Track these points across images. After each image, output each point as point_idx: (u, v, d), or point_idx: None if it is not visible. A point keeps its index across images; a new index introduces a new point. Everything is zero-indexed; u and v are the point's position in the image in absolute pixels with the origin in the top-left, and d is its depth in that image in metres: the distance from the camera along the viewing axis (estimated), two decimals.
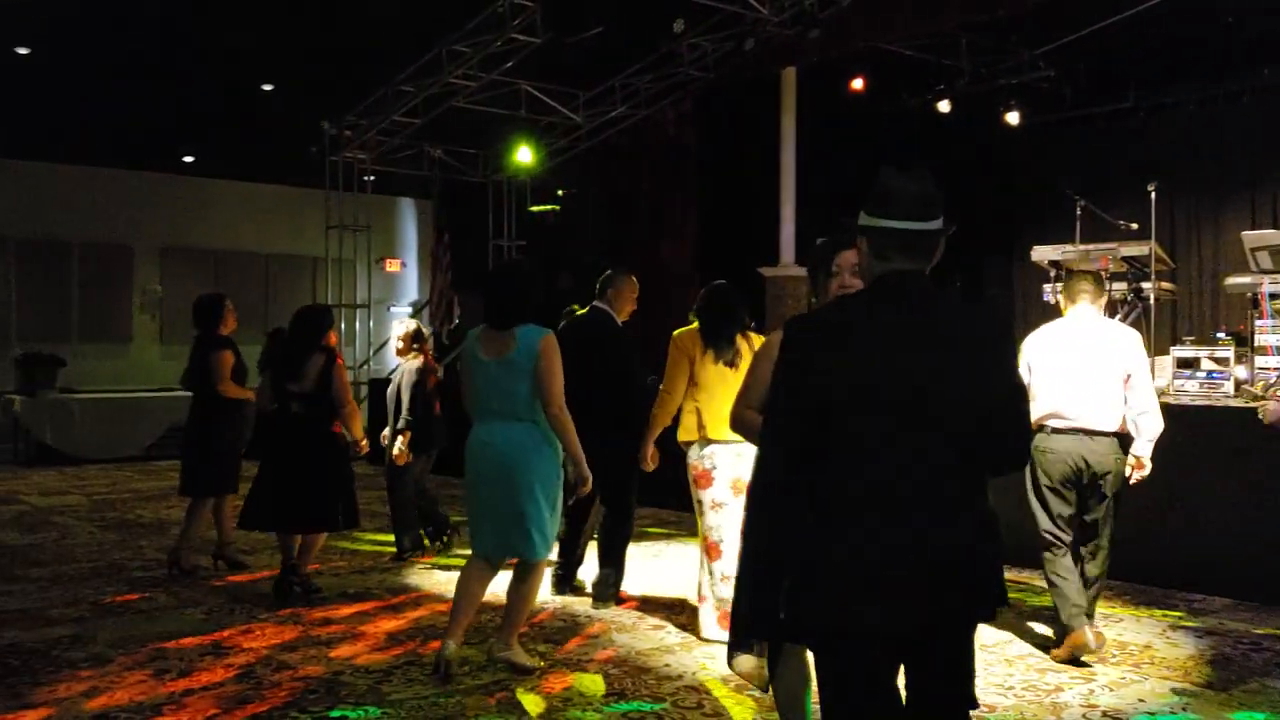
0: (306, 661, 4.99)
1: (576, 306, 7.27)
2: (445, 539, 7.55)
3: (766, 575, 2.58)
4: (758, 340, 5.41)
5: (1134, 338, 5.13)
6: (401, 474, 7.27)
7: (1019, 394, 2.56)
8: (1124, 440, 5.01)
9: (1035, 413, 5.01)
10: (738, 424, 3.76)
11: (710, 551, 5.24)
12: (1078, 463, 4.97)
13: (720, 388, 5.14)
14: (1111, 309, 8.46)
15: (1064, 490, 5.01)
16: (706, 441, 5.21)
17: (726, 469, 5.17)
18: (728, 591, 5.09)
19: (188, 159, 15.95)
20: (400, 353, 7.46)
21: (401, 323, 7.72)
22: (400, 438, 7.13)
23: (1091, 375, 4.99)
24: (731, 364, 5.25)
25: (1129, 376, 4.97)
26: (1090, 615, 5.04)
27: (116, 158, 15.48)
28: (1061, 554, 5.02)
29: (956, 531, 2.45)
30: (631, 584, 6.35)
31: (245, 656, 5.06)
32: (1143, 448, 4.95)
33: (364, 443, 6.26)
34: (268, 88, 12.62)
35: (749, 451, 5.32)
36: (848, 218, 2.74)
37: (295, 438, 6.15)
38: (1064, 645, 4.94)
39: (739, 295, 5.50)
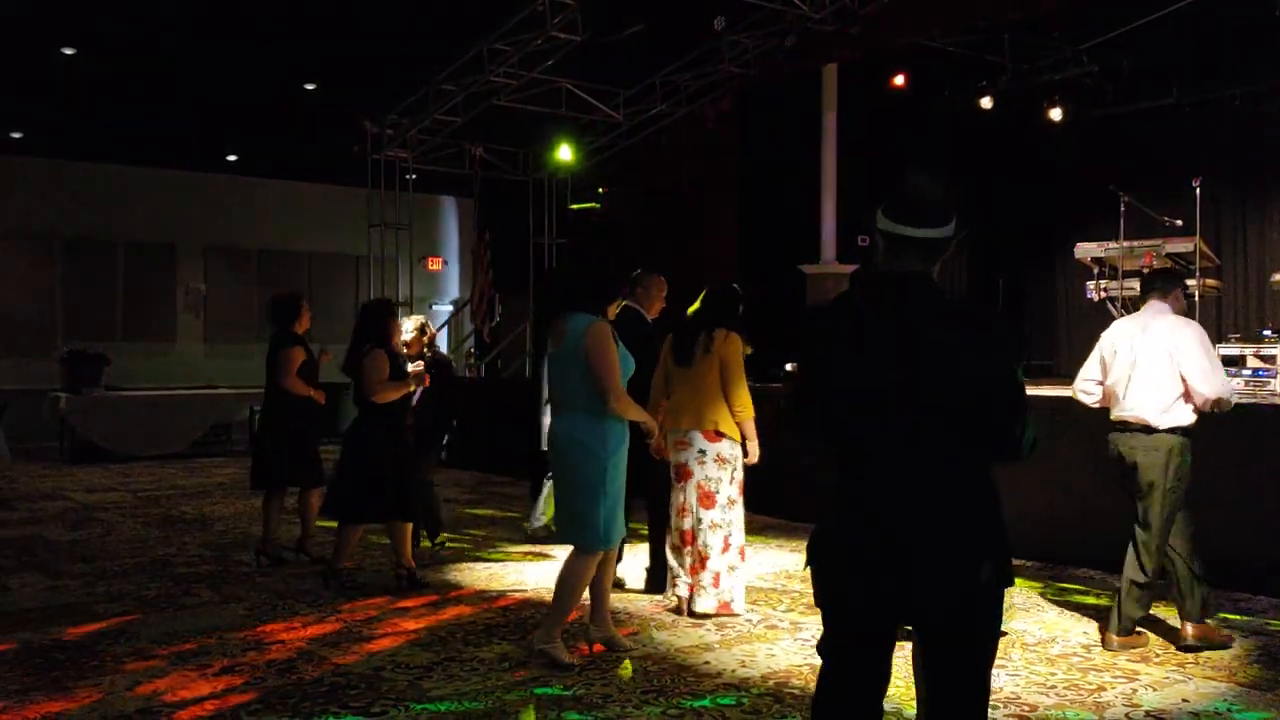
0: (347, 657, 5.03)
1: None
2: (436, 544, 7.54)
3: None
4: (730, 339, 5.62)
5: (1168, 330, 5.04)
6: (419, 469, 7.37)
7: (1010, 391, 2.62)
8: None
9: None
10: None
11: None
12: (1118, 455, 5.07)
13: (678, 383, 5.70)
14: None
15: (1123, 483, 5.12)
16: (665, 428, 5.71)
17: (674, 455, 5.75)
18: (670, 558, 5.84)
19: (231, 158, 16.14)
20: (411, 346, 7.22)
21: (409, 318, 7.48)
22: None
23: (1137, 371, 4.99)
24: (683, 362, 5.65)
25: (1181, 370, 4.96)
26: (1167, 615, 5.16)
27: (160, 157, 15.71)
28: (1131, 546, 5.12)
29: (937, 519, 2.57)
30: None
31: (287, 651, 5.12)
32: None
33: (410, 380, 6.36)
34: (310, 87, 12.74)
35: (694, 442, 5.62)
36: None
37: (352, 428, 6.39)
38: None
39: (726, 296, 5.78)
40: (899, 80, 12.29)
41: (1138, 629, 5.12)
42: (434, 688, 4.57)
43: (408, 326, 7.30)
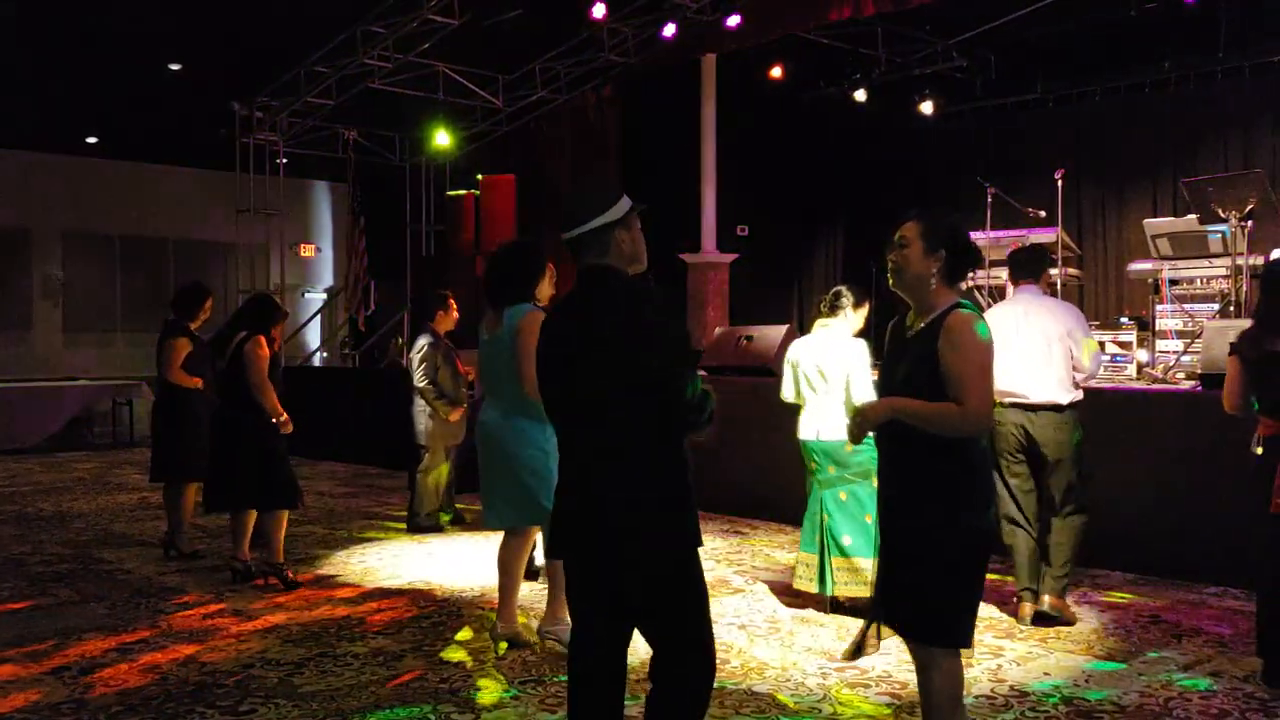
0: (215, 655, 4.87)
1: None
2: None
3: None
4: None
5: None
6: None
7: (666, 371, 2.87)
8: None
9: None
10: None
11: None
12: (1023, 433, 5.18)
13: None
14: None
15: (1015, 458, 5.23)
16: None
17: None
18: None
19: (91, 140, 15.47)
20: None
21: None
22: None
23: (1033, 355, 5.16)
24: None
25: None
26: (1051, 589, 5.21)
27: (15, 138, 14.95)
28: (1012, 527, 5.25)
29: (614, 505, 2.91)
30: None
31: (150, 652, 4.93)
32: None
33: (284, 418, 6.15)
34: (175, 67, 12.29)
35: None
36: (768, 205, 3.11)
37: (223, 415, 6.26)
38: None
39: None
40: (776, 72, 12.44)
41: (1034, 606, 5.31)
42: (306, 684, 4.46)
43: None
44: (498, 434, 4.81)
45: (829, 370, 5.33)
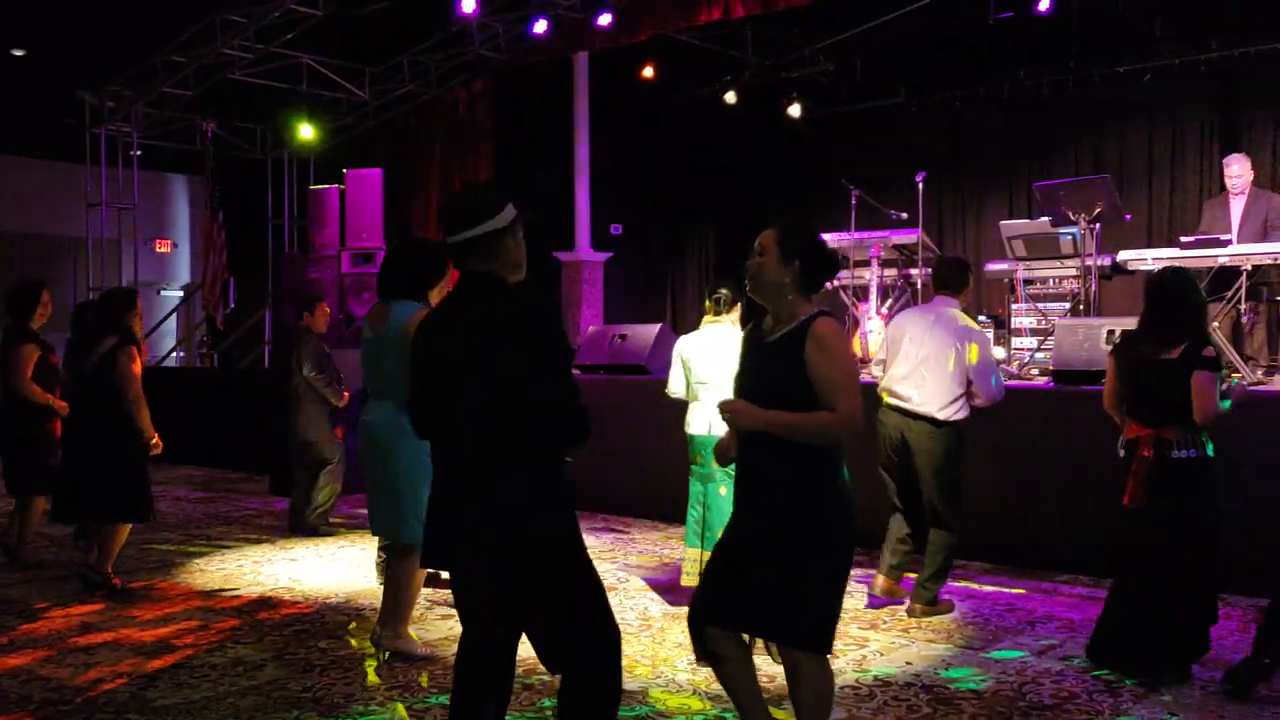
0: (61, 669, 4.63)
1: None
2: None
3: None
4: None
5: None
6: None
7: (534, 379, 2.82)
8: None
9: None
10: None
11: None
12: (900, 439, 5.35)
13: None
14: (883, 294, 8.88)
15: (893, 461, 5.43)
16: None
17: None
18: None
19: None
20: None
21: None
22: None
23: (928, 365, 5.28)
24: None
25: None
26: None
27: None
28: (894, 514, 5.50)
29: (469, 519, 2.88)
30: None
31: None
32: None
33: (156, 439, 5.90)
34: (19, 53, 11.69)
35: None
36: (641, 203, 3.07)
37: (80, 422, 5.95)
38: None
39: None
40: (648, 71, 12.48)
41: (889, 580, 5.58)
42: (160, 697, 4.27)
43: None
44: (380, 436, 4.69)
45: (721, 365, 5.39)
